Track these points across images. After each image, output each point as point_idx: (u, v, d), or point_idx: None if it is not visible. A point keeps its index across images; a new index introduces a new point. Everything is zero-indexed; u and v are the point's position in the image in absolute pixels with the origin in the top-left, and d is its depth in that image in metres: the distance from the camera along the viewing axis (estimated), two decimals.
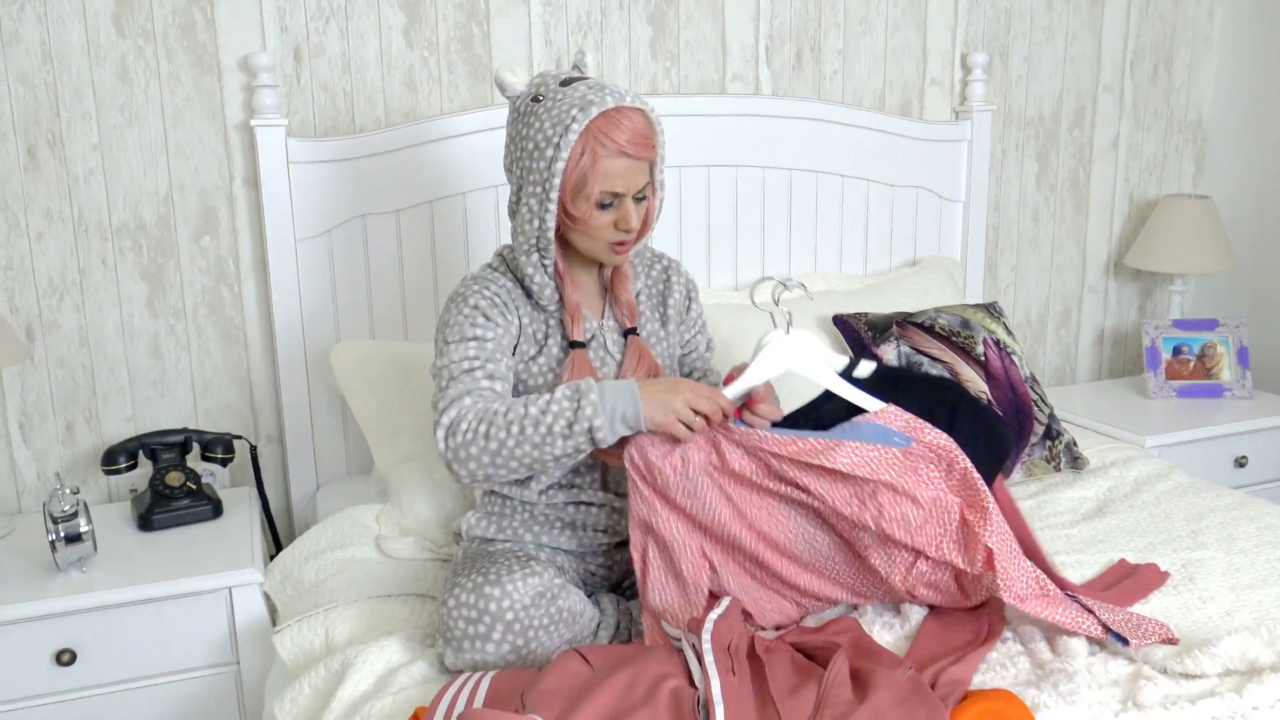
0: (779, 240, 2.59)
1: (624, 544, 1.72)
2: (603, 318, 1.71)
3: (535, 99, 1.57)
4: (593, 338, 1.68)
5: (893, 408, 1.55)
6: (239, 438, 2.22)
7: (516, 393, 1.66)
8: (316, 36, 2.24)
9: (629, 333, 1.70)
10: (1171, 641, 1.50)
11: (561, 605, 1.50)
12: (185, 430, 2.16)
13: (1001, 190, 2.90)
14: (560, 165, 1.52)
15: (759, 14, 2.55)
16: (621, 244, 1.60)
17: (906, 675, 1.36)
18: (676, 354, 1.79)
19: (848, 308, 2.39)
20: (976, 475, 1.52)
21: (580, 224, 1.57)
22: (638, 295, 1.74)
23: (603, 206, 1.56)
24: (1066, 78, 2.90)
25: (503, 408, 1.49)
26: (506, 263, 1.68)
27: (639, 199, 1.59)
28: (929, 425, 1.54)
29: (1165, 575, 1.75)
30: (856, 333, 2.28)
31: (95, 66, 2.11)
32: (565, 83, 1.56)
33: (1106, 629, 1.50)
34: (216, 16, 2.16)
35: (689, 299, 1.81)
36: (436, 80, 2.33)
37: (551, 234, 1.58)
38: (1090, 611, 1.52)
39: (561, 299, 1.65)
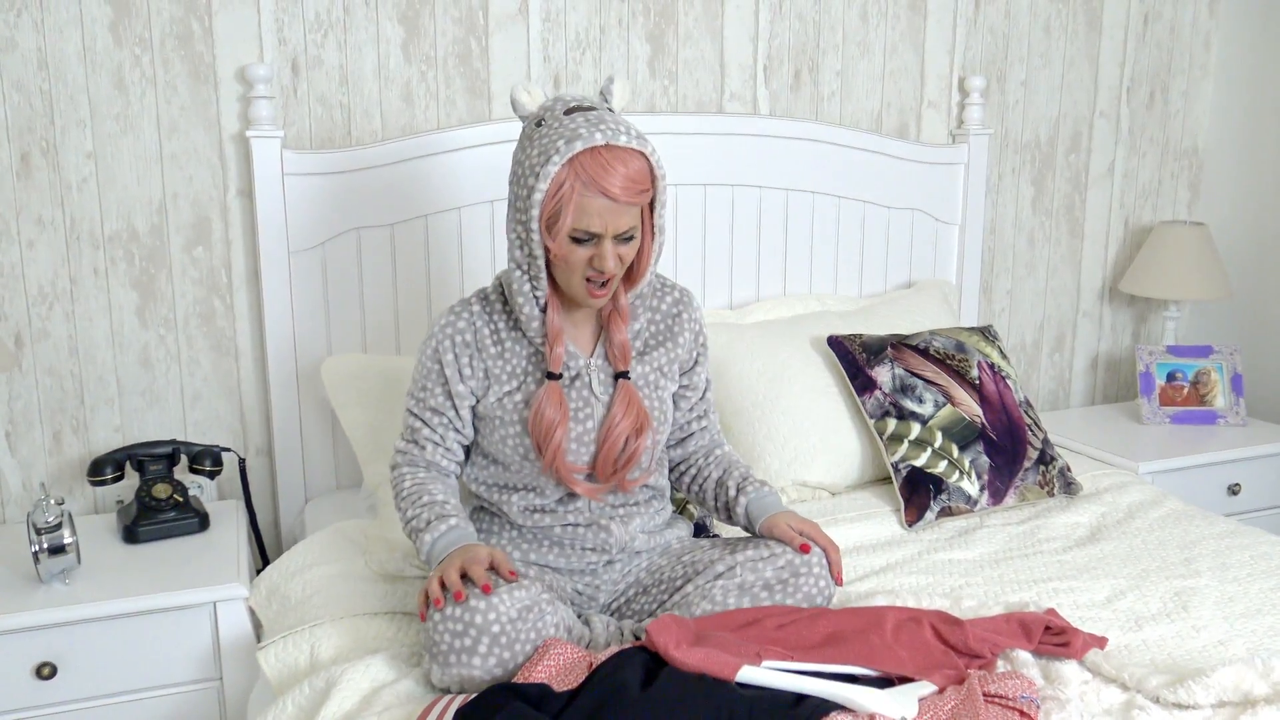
0: (774, 260, 2.59)
1: (613, 563, 1.70)
2: (592, 355, 1.67)
3: (539, 122, 1.56)
4: (577, 376, 1.65)
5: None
6: (228, 450, 2.21)
7: (490, 427, 1.66)
8: (314, 49, 2.23)
9: (621, 375, 1.66)
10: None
11: (549, 620, 1.48)
12: (173, 442, 2.14)
13: (997, 214, 2.90)
14: (539, 196, 1.52)
15: (758, 34, 2.55)
16: (597, 285, 1.56)
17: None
18: (670, 397, 1.74)
19: (842, 329, 2.39)
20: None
21: (555, 257, 1.56)
22: (637, 333, 1.70)
23: (578, 242, 1.54)
24: (1063, 103, 2.91)
25: (403, 488, 1.66)
26: (502, 288, 1.68)
27: (626, 239, 1.56)
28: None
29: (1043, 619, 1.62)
30: (851, 354, 2.27)
31: (91, 74, 2.10)
32: (570, 110, 1.54)
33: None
34: (214, 27, 2.15)
35: (696, 349, 1.76)
36: (434, 95, 2.33)
37: (542, 263, 1.58)
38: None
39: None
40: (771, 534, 1.66)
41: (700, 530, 1.93)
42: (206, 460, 2.14)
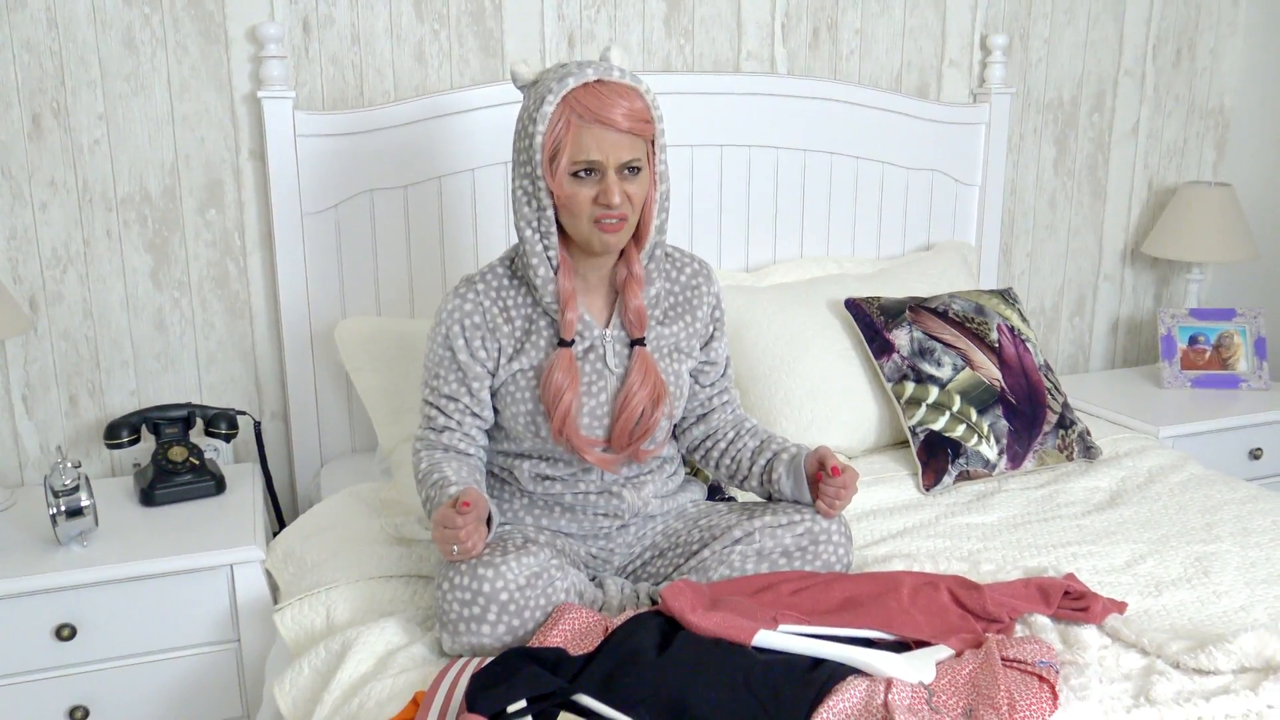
0: (792, 222, 2.56)
1: (627, 527, 1.70)
2: (607, 326, 1.64)
3: (534, 84, 1.57)
4: (590, 348, 1.62)
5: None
6: (243, 413, 2.21)
7: (503, 404, 1.64)
8: (326, 7, 2.20)
9: (637, 343, 1.63)
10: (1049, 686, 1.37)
11: (559, 585, 1.48)
12: (189, 405, 2.14)
13: (1018, 174, 2.86)
14: (539, 140, 1.51)
15: None
16: (608, 222, 1.53)
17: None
18: (687, 374, 1.71)
19: (860, 291, 2.36)
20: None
21: (560, 199, 1.53)
22: (655, 300, 1.67)
23: (578, 177, 1.51)
24: (1087, 61, 2.85)
25: (419, 470, 1.62)
26: (511, 263, 1.66)
27: (632, 171, 1.53)
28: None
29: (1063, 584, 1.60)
30: (868, 317, 2.24)
31: (101, 34, 2.08)
32: (561, 66, 1.55)
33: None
34: None
35: (713, 322, 1.74)
36: (447, 54, 2.30)
37: (551, 214, 1.55)
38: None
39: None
40: (811, 459, 1.64)
41: (714, 492, 1.92)
42: (222, 423, 2.14)
